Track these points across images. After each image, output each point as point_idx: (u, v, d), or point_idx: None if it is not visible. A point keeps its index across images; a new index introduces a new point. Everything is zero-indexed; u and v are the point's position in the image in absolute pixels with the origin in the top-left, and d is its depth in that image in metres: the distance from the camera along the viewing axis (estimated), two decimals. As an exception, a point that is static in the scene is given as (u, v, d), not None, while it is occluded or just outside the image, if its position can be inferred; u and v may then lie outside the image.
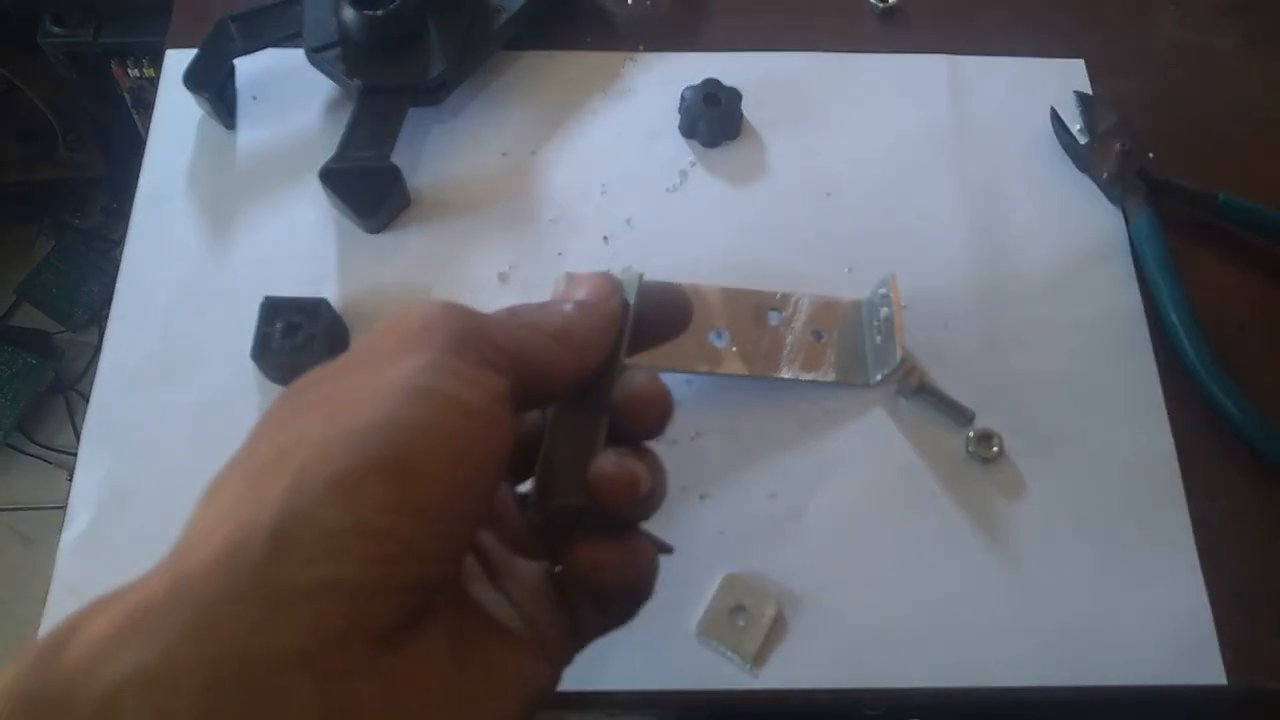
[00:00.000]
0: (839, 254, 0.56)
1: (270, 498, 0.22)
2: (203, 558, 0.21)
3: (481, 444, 0.24)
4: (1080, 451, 0.51)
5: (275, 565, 0.21)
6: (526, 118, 0.59)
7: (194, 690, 0.19)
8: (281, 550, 0.21)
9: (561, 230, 0.56)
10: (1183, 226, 0.57)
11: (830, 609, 0.47)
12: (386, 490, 0.22)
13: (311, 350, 0.49)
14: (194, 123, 0.58)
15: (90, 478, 0.49)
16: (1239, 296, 0.56)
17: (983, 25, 0.64)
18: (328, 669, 0.20)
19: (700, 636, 0.46)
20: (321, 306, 0.50)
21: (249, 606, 0.20)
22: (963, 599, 0.48)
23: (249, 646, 0.20)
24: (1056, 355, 0.53)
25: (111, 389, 0.51)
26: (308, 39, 0.55)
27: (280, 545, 0.21)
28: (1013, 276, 0.56)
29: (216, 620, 0.20)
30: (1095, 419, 0.52)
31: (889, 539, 0.49)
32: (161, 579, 0.21)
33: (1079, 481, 0.50)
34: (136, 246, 0.55)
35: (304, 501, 0.21)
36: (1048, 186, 0.58)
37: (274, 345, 0.49)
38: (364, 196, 0.53)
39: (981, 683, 0.46)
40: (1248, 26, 0.65)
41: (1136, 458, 0.51)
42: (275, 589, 0.21)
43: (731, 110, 0.58)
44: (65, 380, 1.32)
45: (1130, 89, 0.62)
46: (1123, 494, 0.50)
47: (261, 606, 0.20)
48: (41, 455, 1.28)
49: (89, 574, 0.47)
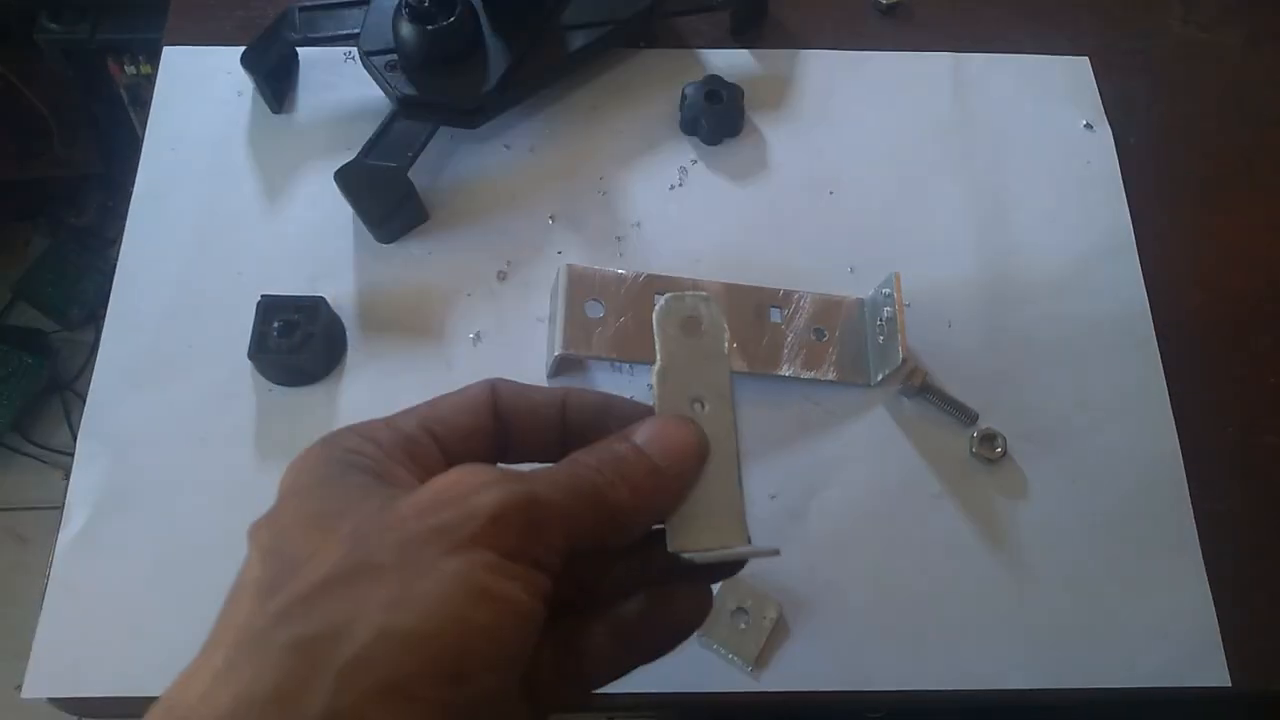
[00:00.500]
0: (841, 252, 0.55)
1: (321, 692, 0.21)
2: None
3: (527, 643, 0.24)
4: (1085, 452, 0.51)
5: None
6: (525, 113, 0.59)
7: None
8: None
9: (561, 228, 0.56)
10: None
11: (832, 611, 0.47)
12: (440, 694, 0.22)
13: (310, 349, 0.49)
14: (192, 120, 0.58)
15: (87, 477, 0.48)
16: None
17: (987, 23, 0.64)
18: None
19: (701, 639, 0.46)
20: (320, 305, 0.50)
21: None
22: (966, 601, 0.48)
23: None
24: (1061, 355, 0.53)
25: (108, 388, 0.51)
26: (364, 41, 0.55)
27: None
28: (1017, 276, 0.55)
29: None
30: (1100, 420, 0.52)
31: (891, 541, 0.48)
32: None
33: (1083, 483, 0.50)
34: (133, 245, 0.54)
35: (354, 699, 0.21)
36: (1052, 185, 0.58)
37: (270, 344, 0.49)
38: (374, 205, 0.53)
39: (984, 685, 0.46)
40: (1253, 25, 0.65)
41: (1141, 459, 0.51)
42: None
43: (733, 107, 0.58)
44: (61, 379, 1.31)
45: (1135, 87, 0.62)
46: (1127, 495, 0.50)
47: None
48: (38, 455, 1.28)
49: (86, 574, 0.46)
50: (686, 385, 0.30)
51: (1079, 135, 0.60)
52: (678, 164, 0.58)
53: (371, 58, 0.55)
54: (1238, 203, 0.59)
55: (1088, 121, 0.60)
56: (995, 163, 0.59)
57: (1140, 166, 0.59)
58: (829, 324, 0.52)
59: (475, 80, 0.54)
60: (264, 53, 0.57)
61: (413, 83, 0.54)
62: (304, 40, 0.57)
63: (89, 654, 0.45)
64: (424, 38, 0.53)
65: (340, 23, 0.57)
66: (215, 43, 0.60)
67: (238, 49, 0.57)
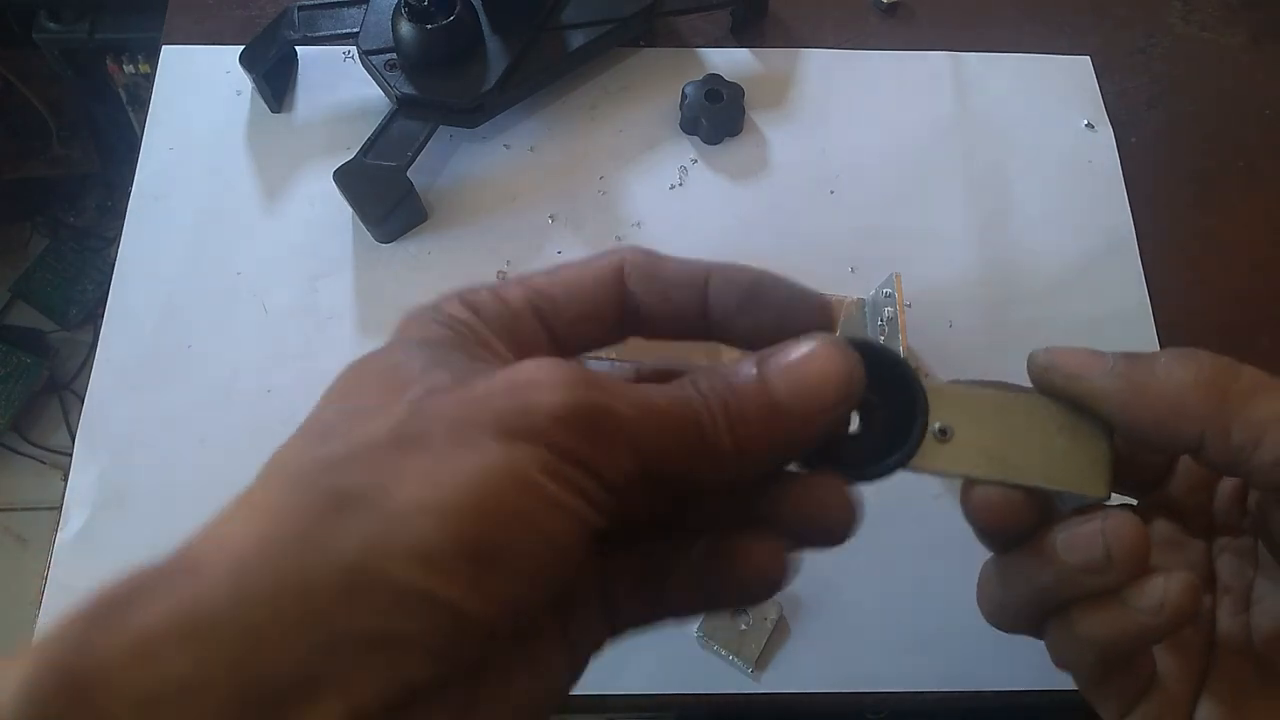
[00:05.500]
0: (842, 252, 0.55)
1: (346, 540, 0.21)
2: (265, 570, 0.21)
3: (568, 551, 0.23)
4: (1085, 452, 0.51)
5: (342, 609, 0.21)
6: (525, 112, 0.59)
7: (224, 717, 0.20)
8: (352, 596, 0.21)
9: (560, 228, 0.55)
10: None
11: (833, 613, 0.47)
12: (466, 569, 0.21)
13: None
14: (191, 119, 0.58)
15: (85, 478, 0.48)
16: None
17: (987, 22, 0.64)
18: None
19: (702, 640, 0.46)
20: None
21: (303, 645, 0.20)
22: (966, 603, 0.47)
23: (291, 691, 0.20)
24: (1061, 355, 0.53)
25: (107, 388, 0.50)
26: (363, 40, 0.55)
27: (350, 592, 0.21)
28: (1018, 275, 0.55)
29: (265, 652, 0.20)
30: (1100, 419, 0.51)
31: (892, 542, 0.48)
32: (220, 577, 0.21)
33: (1084, 483, 0.50)
34: (132, 244, 0.54)
35: (379, 559, 0.21)
36: (1053, 184, 0.58)
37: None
38: (373, 205, 0.53)
39: (985, 686, 0.46)
40: (1255, 24, 0.65)
41: (1142, 459, 0.51)
42: (333, 632, 0.20)
43: (734, 107, 0.58)
44: (60, 379, 1.31)
45: (1136, 86, 0.62)
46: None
47: (317, 648, 0.20)
48: (36, 455, 1.28)
49: (84, 574, 0.46)
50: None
51: (1080, 135, 0.60)
52: (678, 163, 0.58)
53: (371, 57, 0.55)
54: (1238, 203, 0.59)
55: (1089, 121, 0.60)
56: (996, 162, 0.59)
57: (1141, 166, 0.59)
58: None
59: (475, 79, 0.54)
60: (263, 52, 0.56)
61: (412, 82, 0.54)
62: (303, 39, 0.57)
63: (87, 655, 0.45)
64: (423, 37, 0.53)
65: (339, 22, 0.57)
66: (214, 42, 0.60)
67: (237, 48, 0.56)
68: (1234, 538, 0.32)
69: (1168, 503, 0.33)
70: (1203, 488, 0.32)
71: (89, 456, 0.49)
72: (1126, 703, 0.30)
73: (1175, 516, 0.33)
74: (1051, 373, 0.28)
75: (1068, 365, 0.28)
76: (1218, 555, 0.32)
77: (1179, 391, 0.27)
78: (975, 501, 0.28)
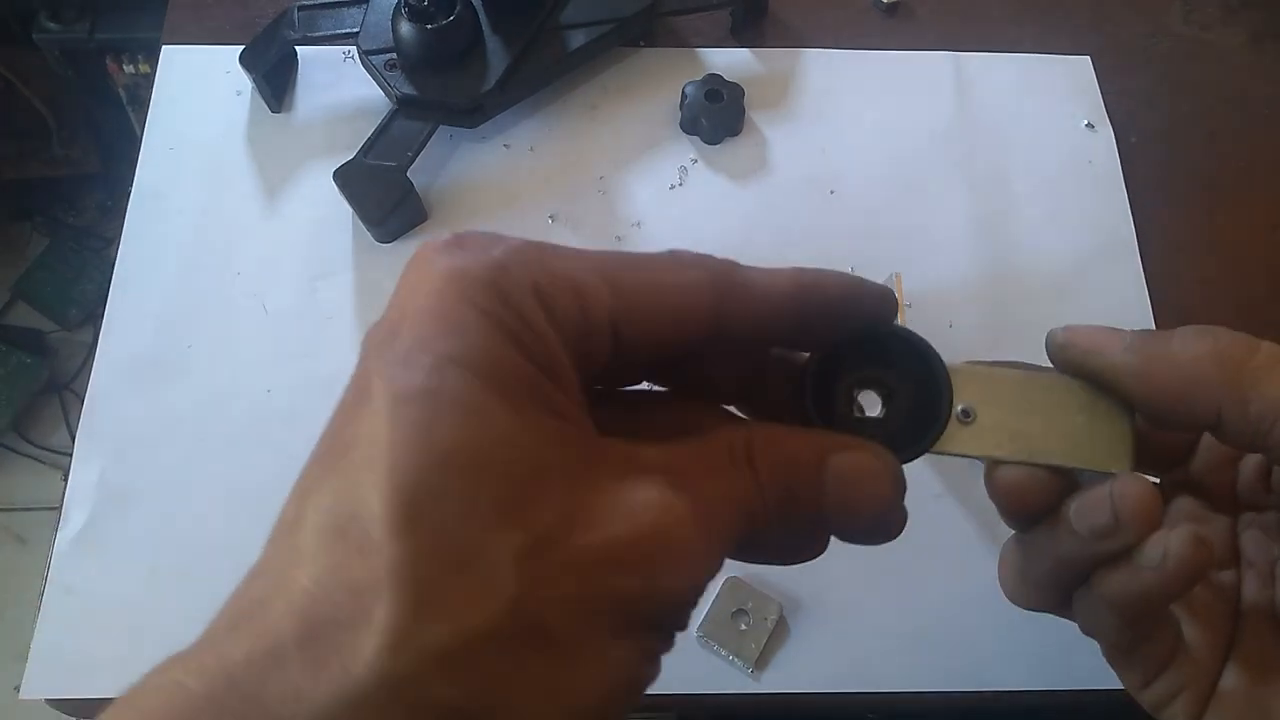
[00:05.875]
0: (842, 252, 0.55)
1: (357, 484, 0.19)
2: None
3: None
4: (1085, 452, 0.51)
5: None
6: (524, 112, 0.59)
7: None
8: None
9: (560, 228, 0.55)
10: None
11: (833, 613, 0.47)
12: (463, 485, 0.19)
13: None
14: (191, 119, 0.58)
15: (85, 478, 0.48)
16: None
17: (987, 22, 0.64)
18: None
19: (702, 640, 0.46)
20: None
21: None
22: (966, 601, 0.47)
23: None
24: (1061, 355, 0.53)
25: (107, 388, 0.50)
26: (363, 40, 0.55)
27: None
28: (1018, 276, 0.55)
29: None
30: (1100, 419, 0.51)
31: (892, 542, 0.48)
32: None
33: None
34: (132, 244, 0.54)
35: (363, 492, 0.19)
36: (1054, 185, 0.58)
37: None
38: (373, 205, 0.53)
39: (985, 686, 0.46)
40: (1255, 24, 0.65)
41: (1142, 459, 0.51)
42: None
43: (734, 107, 0.58)
44: (60, 379, 1.31)
45: (1136, 86, 0.62)
46: (1128, 495, 0.50)
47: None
48: (36, 455, 1.28)
49: (84, 575, 0.46)
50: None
51: (1080, 135, 0.60)
52: (678, 163, 0.58)
53: (371, 57, 0.55)
54: (1238, 203, 0.59)
55: (1089, 121, 0.60)
56: (996, 162, 0.59)
57: (1141, 166, 0.59)
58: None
59: (475, 79, 0.54)
60: (263, 52, 0.56)
61: (412, 82, 0.54)
62: (303, 39, 0.57)
63: (87, 655, 0.45)
64: (423, 37, 0.53)
65: (339, 22, 0.57)
66: (214, 42, 0.60)
67: (237, 48, 0.56)
68: (1259, 513, 0.32)
69: (1191, 480, 0.33)
70: (1226, 465, 0.32)
71: (89, 456, 0.49)
72: (1152, 670, 0.30)
73: (1199, 494, 0.33)
74: (1069, 350, 0.28)
75: (1085, 342, 0.28)
76: (1243, 531, 0.32)
77: (1195, 365, 0.27)
78: (999, 482, 0.28)
